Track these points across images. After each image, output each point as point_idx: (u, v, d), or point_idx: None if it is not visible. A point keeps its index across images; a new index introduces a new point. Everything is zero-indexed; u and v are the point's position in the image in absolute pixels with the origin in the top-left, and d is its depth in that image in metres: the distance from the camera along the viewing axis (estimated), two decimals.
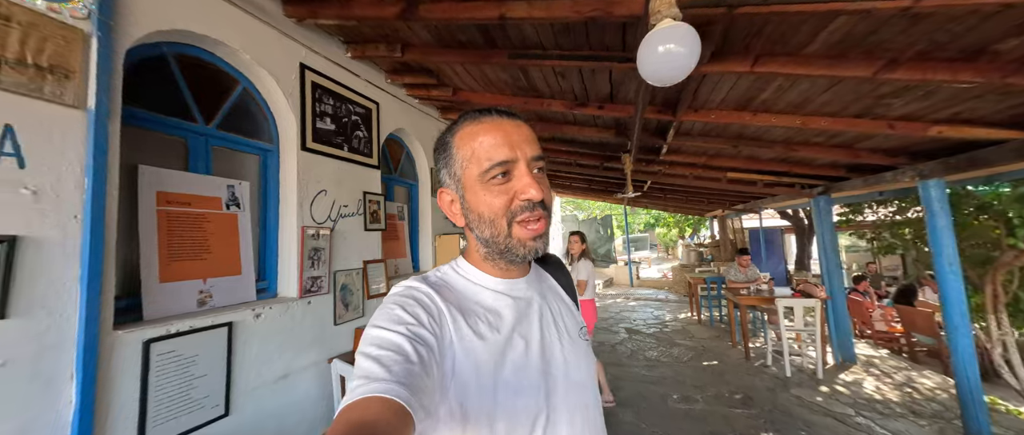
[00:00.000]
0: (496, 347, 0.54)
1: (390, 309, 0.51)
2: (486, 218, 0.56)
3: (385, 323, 0.49)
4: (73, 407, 1.20)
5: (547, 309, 0.63)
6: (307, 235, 2.13)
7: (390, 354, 0.44)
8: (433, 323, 0.51)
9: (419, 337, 0.48)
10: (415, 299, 0.53)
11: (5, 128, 1.11)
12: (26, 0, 1.09)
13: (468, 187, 0.57)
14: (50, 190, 1.19)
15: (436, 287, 0.56)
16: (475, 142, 0.56)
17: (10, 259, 1.10)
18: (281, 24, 2.07)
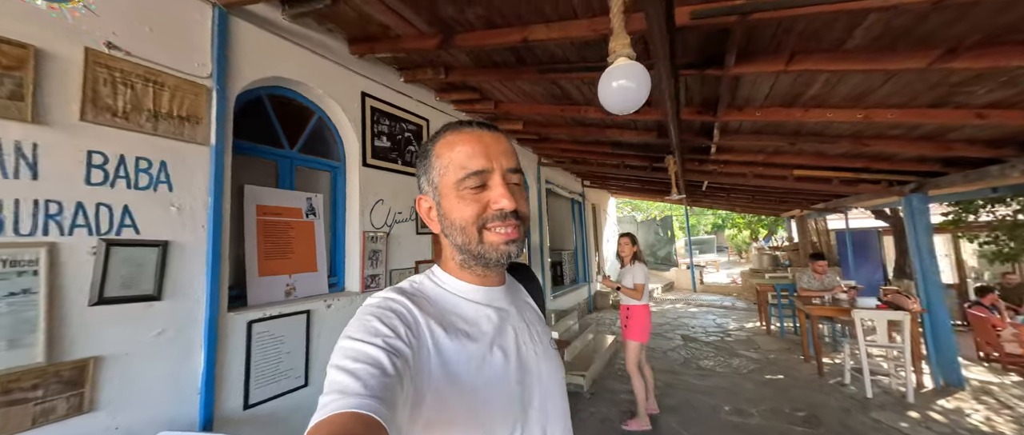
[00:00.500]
0: (474, 358, 0.54)
1: (366, 320, 0.50)
2: (457, 225, 0.57)
3: (360, 335, 0.47)
4: (202, 367, 1.61)
5: (522, 319, 0.64)
6: (367, 238, 2.49)
7: (365, 367, 0.43)
8: (410, 334, 0.50)
9: (395, 349, 0.46)
10: (392, 310, 0.52)
11: (161, 163, 1.55)
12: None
13: (444, 194, 0.58)
14: (187, 207, 1.62)
15: (413, 297, 0.55)
16: (453, 151, 0.57)
17: (163, 258, 1.53)
18: (346, 61, 2.45)
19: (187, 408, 1.58)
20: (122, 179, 1.45)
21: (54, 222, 1.29)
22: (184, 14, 1.67)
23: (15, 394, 1.18)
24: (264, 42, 1.98)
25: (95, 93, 1.39)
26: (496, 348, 0.57)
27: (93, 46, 1.40)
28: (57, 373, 1.26)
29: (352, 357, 0.44)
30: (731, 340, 5.77)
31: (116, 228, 1.42)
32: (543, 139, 4.59)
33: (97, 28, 1.42)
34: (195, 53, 1.69)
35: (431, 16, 2.01)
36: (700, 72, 1.95)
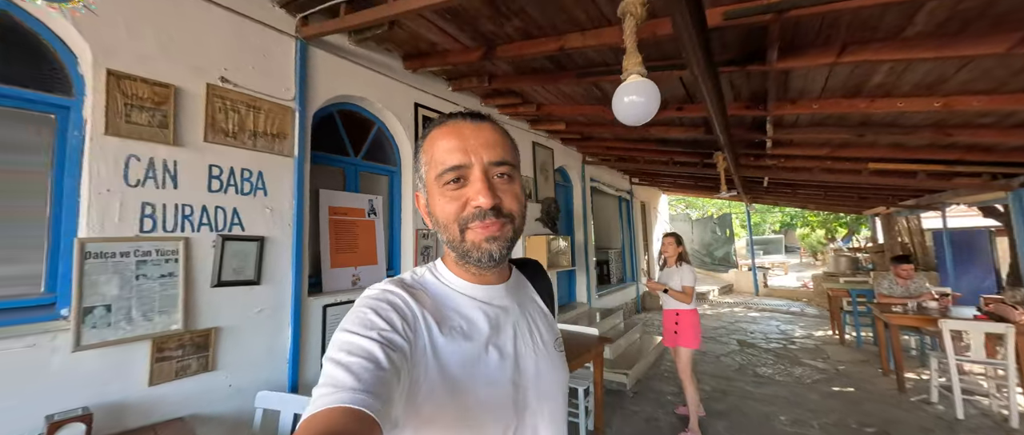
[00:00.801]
0: (469, 356, 0.53)
1: (362, 313, 0.48)
2: (441, 222, 0.56)
3: (356, 327, 0.46)
4: (290, 341, 1.95)
5: (523, 318, 0.62)
6: (420, 236, 2.76)
7: (360, 360, 0.42)
8: (407, 327, 0.49)
9: (391, 342, 0.45)
10: (389, 303, 0.50)
11: (259, 173, 1.90)
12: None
13: (430, 191, 0.56)
14: (277, 209, 1.96)
15: (412, 290, 0.54)
16: (434, 147, 0.55)
17: (261, 250, 1.88)
18: (401, 76, 2.73)
19: (279, 374, 1.92)
20: (232, 187, 1.81)
21: (188, 221, 1.66)
22: (275, 49, 2.02)
23: (165, 352, 1.56)
24: (334, 66, 2.30)
25: (213, 119, 1.76)
26: (491, 347, 0.55)
27: (212, 82, 1.77)
28: (191, 338, 1.63)
29: (347, 350, 0.43)
30: (796, 348, 5.35)
31: (228, 226, 1.78)
32: (586, 138, 4.63)
33: (214, 66, 1.78)
34: (282, 80, 2.03)
35: (474, 32, 2.19)
36: (742, 68, 1.91)
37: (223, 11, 1.83)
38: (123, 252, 1.47)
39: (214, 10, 1.80)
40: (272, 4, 2.01)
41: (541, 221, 4.29)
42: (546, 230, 4.30)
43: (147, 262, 1.53)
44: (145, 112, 1.55)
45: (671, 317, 2.92)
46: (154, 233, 1.56)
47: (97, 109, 1.46)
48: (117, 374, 1.44)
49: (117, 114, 1.49)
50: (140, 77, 1.55)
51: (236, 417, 1.74)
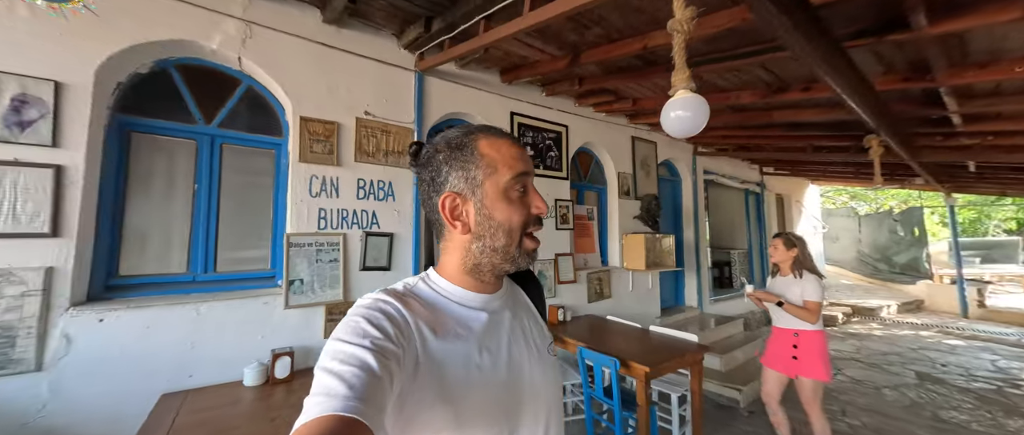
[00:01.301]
0: (464, 362, 0.53)
1: (355, 321, 0.48)
2: (505, 227, 0.56)
3: (349, 336, 0.46)
4: None
5: (517, 324, 0.63)
6: None
7: (353, 369, 0.42)
8: (400, 337, 0.49)
9: (384, 351, 0.45)
10: (383, 312, 0.50)
11: (389, 183, 2.43)
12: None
13: (489, 195, 0.56)
14: (402, 211, 2.47)
15: (405, 300, 0.54)
16: (500, 152, 0.56)
17: (391, 244, 2.40)
18: (498, 89, 3.04)
19: None
20: (372, 195, 2.36)
21: (345, 222, 2.26)
22: (400, 82, 2.53)
23: (332, 315, 2.17)
24: (444, 89, 2.74)
25: (360, 144, 2.33)
26: (486, 352, 0.56)
27: (360, 116, 2.35)
28: (348, 307, 2.22)
29: (340, 359, 0.44)
30: (1019, 394, 3.89)
31: (370, 225, 2.35)
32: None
33: (360, 104, 2.36)
34: (405, 107, 2.54)
35: (559, 42, 2.32)
36: (878, 39, 1.58)
37: (368, 61, 2.39)
38: (309, 243, 2.12)
39: (363, 61, 2.38)
40: (398, 47, 2.52)
41: (640, 219, 4.14)
42: (646, 228, 4.13)
43: (322, 250, 2.16)
44: (320, 143, 2.18)
45: (787, 338, 2.34)
46: (326, 230, 2.18)
47: (294, 144, 2.12)
48: (307, 327, 2.09)
49: (305, 147, 2.14)
50: (318, 119, 2.18)
51: None
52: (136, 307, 1.69)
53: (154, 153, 1.91)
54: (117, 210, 1.81)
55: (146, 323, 1.69)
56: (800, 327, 2.29)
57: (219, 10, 1.92)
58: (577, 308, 3.41)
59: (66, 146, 1.59)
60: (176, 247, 1.93)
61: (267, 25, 2.06)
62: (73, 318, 1.56)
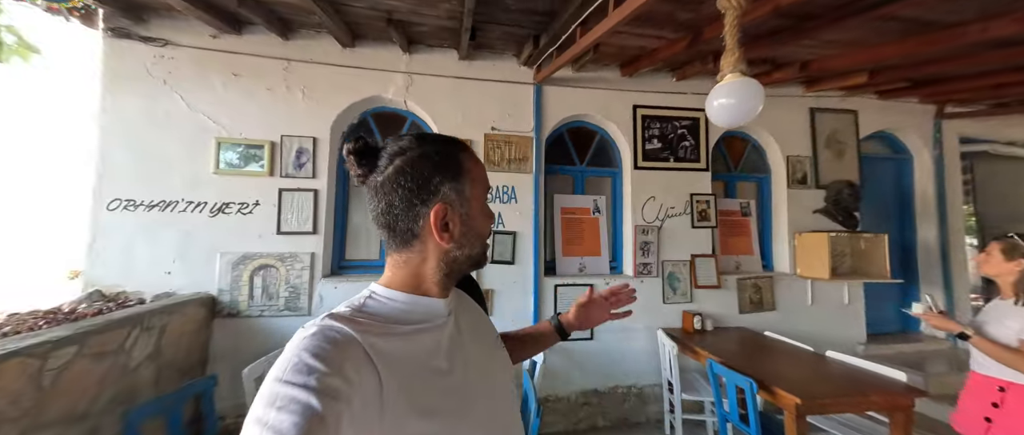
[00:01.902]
0: (431, 372, 0.52)
1: (298, 357, 0.43)
2: (483, 236, 0.61)
3: (290, 375, 0.41)
4: (532, 307, 2.72)
5: (469, 323, 0.64)
6: (639, 231, 2.91)
7: (292, 418, 0.38)
8: (352, 368, 0.44)
9: (332, 391, 0.41)
10: (329, 340, 0.45)
11: (512, 187, 2.76)
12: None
13: (473, 206, 0.59)
14: (524, 212, 2.77)
15: (354, 322, 0.50)
16: (478, 168, 0.61)
17: (514, 241, 2.73)
18: (618, 84, 2.97)
19: None
20: (498, 198, 2.75)
21: None
22: (521, 97, 2.82)
23: None
24: (561, 95, 2.89)
25: (488, 155, 2.75)
26: (448, 357, 0.55)
27: (487, 132, 2.76)
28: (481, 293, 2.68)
29: (277, 405, 0.39)
30: None
31: (497, 225, 2.74)
32: (935, 81, 2.99)
33: (488, 121, 2.77)
34: (525, 118, 2.82)
35: (673, 25, 2.13)
36: None
37: (493, 83, 2.80)
38: None
39: (489, 84, 2.79)
40: (518, 66, 2.83)
41: (826, 213, 3.22)
42: (835, 225, 3.17)
43: None
44: None
45: (986, 390, 1.56)
46: None
47: None
48: None
49: None
50: None
51: None
52: (353, 280, 2.55)
53: None
54: (343, 216, 2.75)
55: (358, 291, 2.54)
56: (1010, 378, 1.50)
57: (391, 70, 2.65)
58: (722, 318, 2.97)
59: (318, 176, 2.54)
60: (373, 240, 2.79)
61: (420, 72, 2.69)
62: (323, 284, 2.50)
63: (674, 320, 2.92)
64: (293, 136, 2.50)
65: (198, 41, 2.39)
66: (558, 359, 2.73)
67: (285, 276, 2.44)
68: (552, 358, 2.71)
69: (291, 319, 2.42)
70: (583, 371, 2.77)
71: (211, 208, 2.37)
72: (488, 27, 2.38)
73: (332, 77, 2.56)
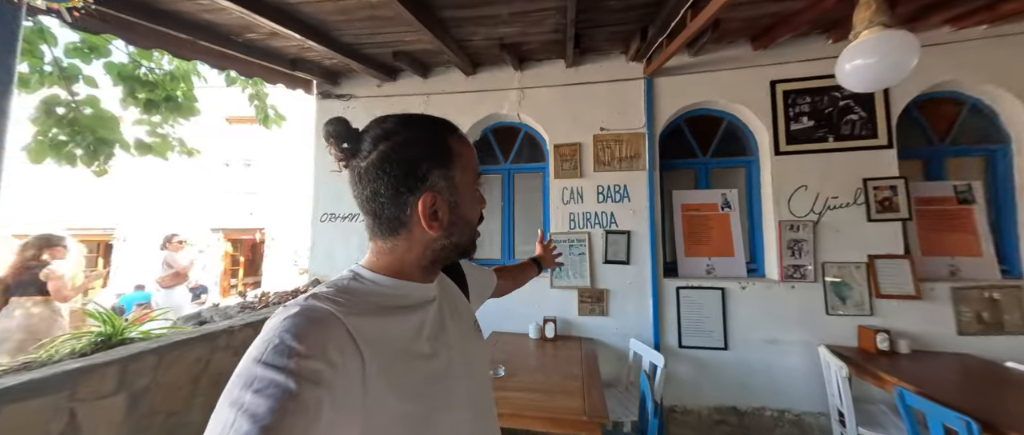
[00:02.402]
0: (414, 356, 0.52)
1: (278, 337, 0.41)
2: (472, 223, 0.59)
3: (268, 356, 0.39)
4: (651, 309, 2.58)
5: (451, 307, 0.64)
6: (784, 228, 2.46)
7: (268, 402, 0.36)
8: (335, 350, 0.43)
9: (312, 374, 0.39)
10: (311, 321, 0.44)
11: (624, 186, 2.71)
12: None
13: (462, 193, 0.57)
14: (637, 210, 2.67)
15: (337, 302, 0.48)
16: (467, 151, 0.58)
17: (629, 240, 2.66)
18: (747, 61, 2.60)
19: (646, 331, 2.60)
20: (609, 198, 2.73)
21: (588, 222, 2.75)
22: (630, 93, 2.76)
23: (583, 298, 2.70)
24: (675, 85, 2.70)
25: (597, 156, 2.77)
26: (432, 340, 0.55)
27: (596, 133, 2.79)
28: (595, 292, 2.69)
29: (254, 388, 0.37)
30: None
31: (609, 224, 2.72)
32: None
33: (597, 122, 2.80)
34: (636, 114, 2.74)
35: None
36: None
37: (601, 84, 2.82)
38: (564, 240, 2.77)
39: (596, 86, 2.83)
40: (626, 62, 2.78)
41: None
42: None
43: (573, 246, 2.75)
44: (567, 162, 2.81)
45: None
46: (574, 230, 2.77)
47: (551, 166, 2.85)
48: (565, 304, 2.73)
49: (558, 166, 2.82)
50: (565, 143, 2.83)
51: (618, 351, 2.61)
52: None
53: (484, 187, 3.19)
54: None
55: None
56: None
57: (505, 88, 2.95)
58: (928, 339, 2.26)
59: None
60: (495, 242, 3.12)
61: (531, 86, 2.92)
62: None
63: (844, 336, 2.34)
64: None
65: (368, 91, 3.15)
66: (685, 367, 2.52)
67: None
68: (678, 365, 2.51)
69: None
70: (716, 383, 2.47)
71: None
72: (592, 32, 2.43)
73: (458, 103, 3.02)
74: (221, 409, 0.37)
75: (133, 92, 2.16)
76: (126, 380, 1.45)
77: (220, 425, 0.35)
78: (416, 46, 2.58)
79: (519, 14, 2.14)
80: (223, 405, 0.37)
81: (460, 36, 2.41)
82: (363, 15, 2.04)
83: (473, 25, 2.27)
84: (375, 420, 0.44)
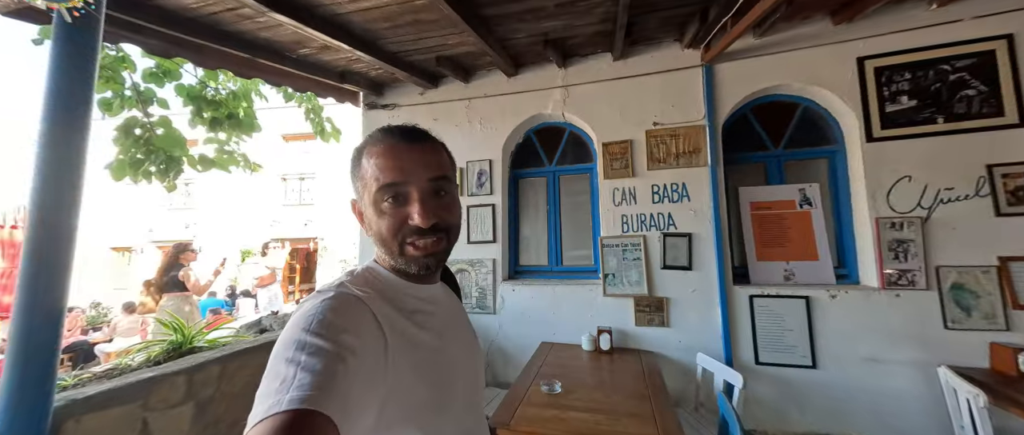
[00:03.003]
0: (427, 346, 0.56)
1: (323, 314, 0.46)
2: (380, 237, 0.57)
3: (317, 328, 0.44)
4: (720, 320, 2.31)
5: (455, 310, 0.69)
6: (882, 226, 2.10)
7: (314, 360, 0.40)
8: (364, 329, 0.48)
9: (348, 346, 0.44)
10: (349, 304, 0.50)
11: (682, 184, 2.47)
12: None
13: (366, 204, 0.58)
14: (699, 210, 2.42)
15: (363, 289, 0.54)
16: (370, 162, 0.57)
17: (690, 244, 2.41)
18: (826, 37, 2.29)
19: (715, 345, 2.33)
20: (666, 198, 2.51)
21: (643, 225, 2.54)
22: (687, 83, 2.53)
23: (640, 306, 2.48)
24: (738, 71, 2.44)
25: (651, 153, 2.56)
26: (440, 336, 0.59)
27: (649, 128, 2.59)
28: (653, 301, 2.47)
29: (301, 349, 0.42)
30: None
31: (667, 226, 2.49)
32: None
33: (649, 117, 2.60)
34: (694, 105, 2.50)
35: None
36: None
37: (652, 76, 2.62)
38: (616, 244, 2.57)
39: (647, 78, 2.63)
40: (681, 49, 2.56)
41: None
42: None
43: (627, 250, 2.55)
44: (617, 161, 2.62)
45: None
46: (628, 233, 2.57)
47: (600, 166, 2.68)
48: (620, 313, 2.53)
49: (607, 166, 2.65)
50: (614, 141, 2.65)
51: (683, 366, 2.36)
52: (526, 284, 2.79)
53: (527, 189, 3.08)
54: (515, 226, 3.06)
55: (531, 294, 2.75)
56: None
57: (548, 87, 2.83)
58: None
59: (494, 193, 2.93)
60: (541, 248, 2.98)
61: (576, 83, 2.78)
62: (503, 287, 2.82)
63: (971, 355, 1.94)
64: (475, 161, 2.98)
65: (411, 100, 3.18)
66: (764, 387, 2.22)
67: (475, 279, 2.88)
68: (757, 385, 2.22)
69: (482, 316, 2.82)
70: (804, 407, 2.15)
71: None
72: (644, 18, 2.25)
73: (501, 105, 2.94)
74: (277, 365, 0.41)
75: (200, 111, 2.32)
76: (193, 389, 1.47)
77: (280, 378, 0.39)
78: (458, 49, 2.54)
79: (565, 5, 2.02)
80: (279, 363, 0.41)
81: (503, 34, 2.34)
82: (407, 20, 2.02)
83: (516, 21, 2.18)
84: (394, 396, 0.48)
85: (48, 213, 0.99)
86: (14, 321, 0.97)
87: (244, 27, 1.95)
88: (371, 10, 1.88)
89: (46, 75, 1.10)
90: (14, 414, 0.98)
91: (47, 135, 1.06)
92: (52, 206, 1.00)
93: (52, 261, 1.00)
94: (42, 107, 1.08)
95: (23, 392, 0.98)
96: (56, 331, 1.05)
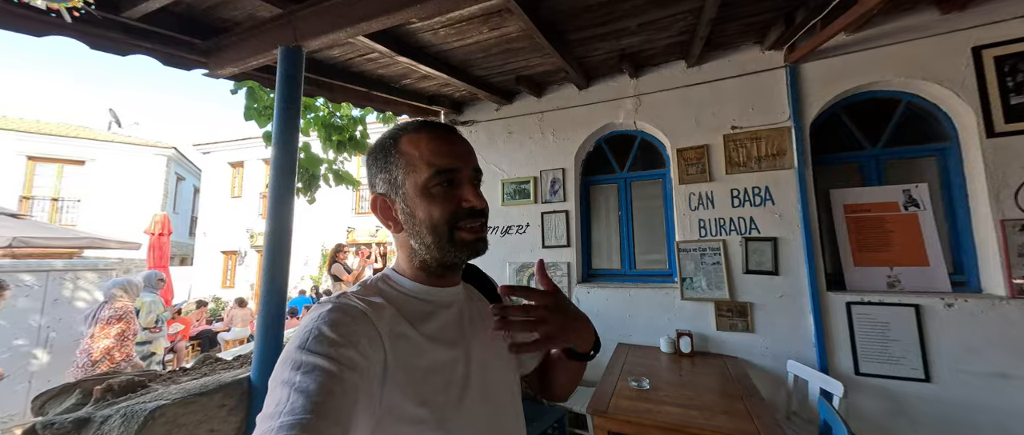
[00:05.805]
0: (432, 360, 0.53)
1: (316, 328, 0.46)
2: (427, 225, 0.56)
3: (309, 344, 0.44)
4: (812, 327, 2.24)
5: (476, 316, 0.64)
6: (1011, 229, 1.92)
7: (312, 382, 0.40)
8: (365, 342, 0.47)
9: (348, 361, 0.44)
10: (346, 314, 0.49)
11: (766, 188, 2.44)
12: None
13: (409, 193, 0.57)
14: (784, 214, 2.37)
15: (367, 301, 0.53)
16: (420, 149, 0.56)
17: (775, 248, 2.37)
18: (935, 28, 2.14)
19: (807, 352, 2.26)
20: (747, 202, 2.49)
21: (722, 229, 2.54)
22: (769, 85, 2.50)
23: (722, 311, 2.48)
24: (826, 70, 2.36)
25: (730, 157, 2.56)
26: (451, 347, 0.56)
27: (726, 132, 2.59)
28: (735, 306, 2.45)
29: (300, 369, 0.42)
30: None
31: (748, 230, 2.47)
32: None
33: (726, 121, 2.59)
34: (777, 107, 2.46)
35: None
36: None
37: (729, 80, 2.62)
38: (693, 249, 2.60)
39: (723, 83, 2.63)
40: (762, 51, 2.53)
41: None
42: None
43: (705, 255, 2.56)
44: (693, 166, 2.65)
45: None
46: (706, 238, 2.58)
47: (674, 171, 2.72)
48: (700, 317, 2.54)
49: (682, 171, 2.68)
50: (689, 147, 2.68)
51: (772, 373, 2.31)
52: (600, 287, 2.90)
53: (598, 195, 3.19)
54: (587, 231, 3.19)
55: (606, 297, 2.85)
56: None
57: (620, 97, 2.94)
58: None
59: (568, 200, 3.08)
60: (614, 252, 3.08)
61: (648, 91, 2.85)
62: (578, 289, 2.95)
63: None
64: (548, 170, 3.17)
65: (488, 116, 3.46)
66: (868, 399, 2.11)
67: None
68: (858, 397, 2.12)
69: None
70: (917, 424, 2.01)
71: (500, 231, 3.30)
72: (723, 26, 2.29)
73: (572, 116, 3.10)
74: (274, 388, 0.42)
75: (329, 136, 2.80)
76: None
77: (276, 401, 0.40)
78: (538, 69, 2.75)
79: (647, 24, 2.13)
80: (276, 385, 0.42)
81: (582, 54, 2.50)
82: (500, 49, 2.27)
83: (598, 41, 2.33)
84: (390, 414, 0.47)
85: (276, 223, 1.38)
86: (262, 298, 1.38)
87: (366, 67, 2.33)
88: (472, 45, 2.16)
89: (274, 129, 1.53)
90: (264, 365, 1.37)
91: (276, 170, 1.48)
92: (276, 220, 1.39)
93: (279, 259, 1.38)
94: (273, 146, 1.51)
95: (267, 343, 1.38)
96: (282, 303, 1.50)
